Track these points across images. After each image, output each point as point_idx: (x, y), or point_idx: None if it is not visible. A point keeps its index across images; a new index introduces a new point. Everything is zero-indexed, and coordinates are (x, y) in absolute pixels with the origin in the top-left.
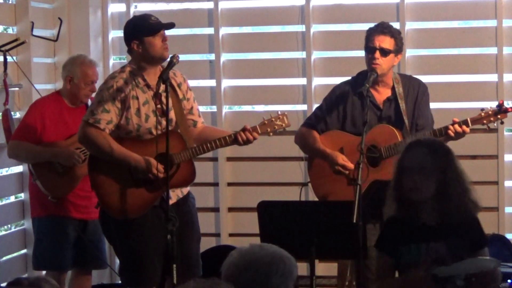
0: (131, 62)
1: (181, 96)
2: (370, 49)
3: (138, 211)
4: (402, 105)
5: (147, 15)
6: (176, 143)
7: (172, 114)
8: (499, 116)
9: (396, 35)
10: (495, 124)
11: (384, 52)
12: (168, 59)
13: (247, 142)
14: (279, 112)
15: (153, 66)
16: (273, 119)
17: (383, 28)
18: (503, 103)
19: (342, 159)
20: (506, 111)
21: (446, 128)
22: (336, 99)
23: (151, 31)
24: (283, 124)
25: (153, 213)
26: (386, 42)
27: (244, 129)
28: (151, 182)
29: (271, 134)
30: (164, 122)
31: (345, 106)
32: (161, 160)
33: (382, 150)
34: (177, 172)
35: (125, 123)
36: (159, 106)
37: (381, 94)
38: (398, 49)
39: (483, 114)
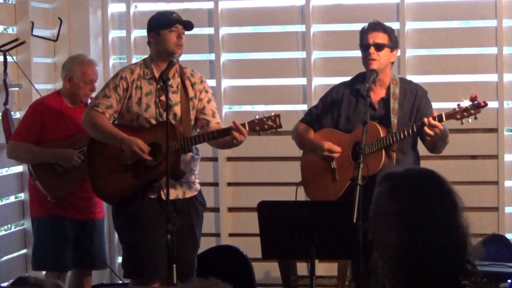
0: (148, 56)
1: (192, 94)
2: (364, 47)
3: (115, 194)
4: (394, 104)
5: (170, 11)
6: (164, 134)
7: (177, 109)
8: (472, 111)
9: (388, 30)
10: (469, 120)
11: (378, 47)
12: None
13: (238, 135)
14: (273, 113)
15: (165, 62)
16: (265, 119)
17: (374, 25)
18: (475, 97)
19: (327, 144)
20: (479, 106)
21: (423, 123)
22: (331, 100)
23: (166, 25)
24: (274, 125)
25: (151, 206)
26: (379, 37)
27: (235, 126)
28: (137, 169)
29: (261, 133)
30: (165, 114)
31: (340, 107)
32: (152, 149)
33: (365, 146)
34: (163, 162)
35: (126, 111)
36: (162, 98)
37: (377, 94)
38: (393, 45)
39: (457, 108)
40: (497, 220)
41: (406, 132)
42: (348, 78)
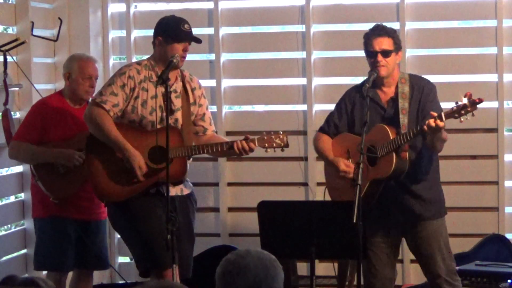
0: (150, 57)
1: (192, 100)
2: (371, 54)
3: (119, 195)
4: (403, 104)
5: (183, 20)
6: (173, 138)
7: (179, 115)
8: (469, 109)
9: (392, 34)
10: (467, 118)
11: (386, 53)
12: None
13: (242, 151)
14: (281, 132)
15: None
16: (273, 137)
17: (379, 31)
18: (470, 94)
19: (344, 164)
20: (474, 103)
21: (422, 125)
22: (345, 106)
23: (177, 39)
24: (282, 144)
25: (151, 201)
26: (385, 43)
27: (245, 139)
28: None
29: (268, 150)
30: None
31: (353, 110)
32: (154, 153)
33: (377, 149)
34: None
35: (130, 111)
36: (165, 103)
37: (386, 94)
38: (397, 47)
39: (455, 107)
40: (497, 220)
41: (412, 133)
42: (348, 78)
